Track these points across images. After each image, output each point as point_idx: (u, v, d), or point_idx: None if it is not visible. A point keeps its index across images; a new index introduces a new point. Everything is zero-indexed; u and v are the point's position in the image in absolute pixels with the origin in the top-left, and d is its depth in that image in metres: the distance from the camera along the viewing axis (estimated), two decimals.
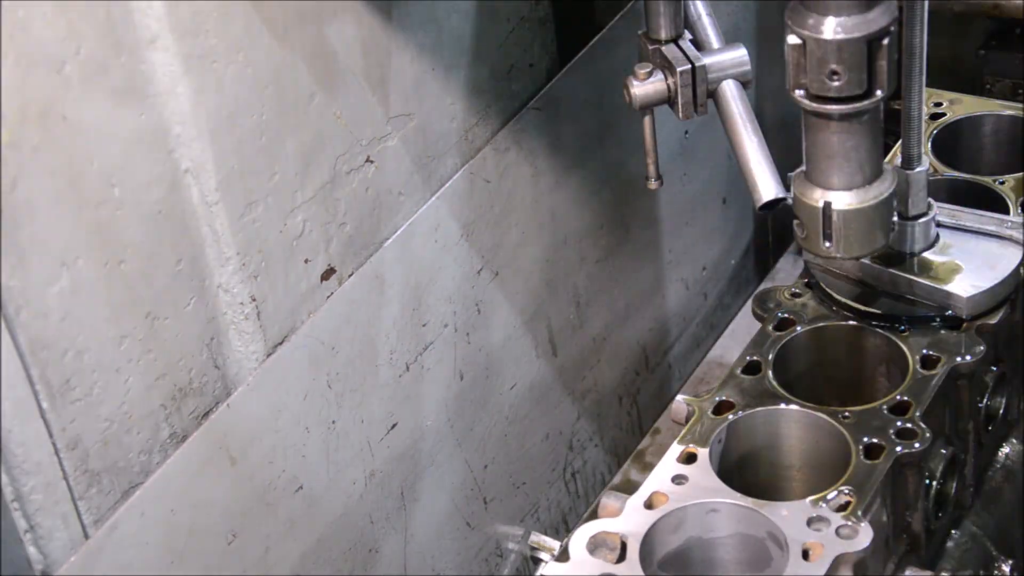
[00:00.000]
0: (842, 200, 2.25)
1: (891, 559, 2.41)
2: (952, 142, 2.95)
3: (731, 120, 2.43)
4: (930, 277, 2.59)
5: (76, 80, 1.92)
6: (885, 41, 2.09)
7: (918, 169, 2.57)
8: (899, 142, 2.61)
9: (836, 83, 2.11)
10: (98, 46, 1.95)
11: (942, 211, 2.66)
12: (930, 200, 2.62)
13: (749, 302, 3.71)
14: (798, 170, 2.31)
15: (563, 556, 2.24)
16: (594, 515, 2.44)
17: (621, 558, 2.22)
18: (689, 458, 2.38)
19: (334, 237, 2.42)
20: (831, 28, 2.08)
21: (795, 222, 2.32)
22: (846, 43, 2.08)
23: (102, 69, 1.96)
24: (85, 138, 1.95)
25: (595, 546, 2.24)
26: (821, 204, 2.25)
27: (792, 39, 2.11)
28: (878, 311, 2.59)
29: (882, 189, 2.25)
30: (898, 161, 2.59)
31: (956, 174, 2.86)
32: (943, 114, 2.98)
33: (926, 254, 2.63)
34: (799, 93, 2.17)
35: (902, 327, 2.55)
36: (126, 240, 2.05)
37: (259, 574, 2.40)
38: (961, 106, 3.00)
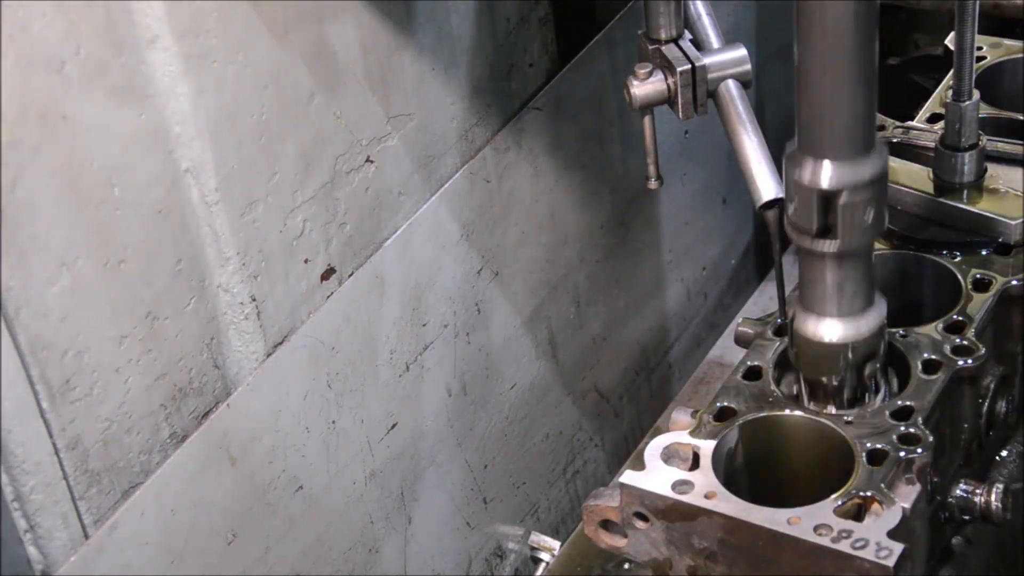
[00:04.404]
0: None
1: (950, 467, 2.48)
2: (992, 83, 3.00)
3: (731, 120, 2.43)
4: (980, 206, 2.68)
5: (76, 80, 1.92)
6: (842, 199, 2.11)
7: (968, 102, 2.66)
8: (943, 82, 2.73)
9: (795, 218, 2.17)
10: (98, 46, 1.95)
11: (988, 144, 2.76)
12: (980, 132, 2.72)
13: (748, 304, 3.74)
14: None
15: (638, 465, 2.29)
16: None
17: (694, 468, 2.29)
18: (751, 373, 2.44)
19: (334, 237, 2.42)
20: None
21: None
22: (799, 187, 2.13)
23: (102, 69, 1.96)
24: (85, 138, 1.95)
25: (668, 456, 2.31)
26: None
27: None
28: (931, 239, 2.68)
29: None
30: (949, 96, 2.68)
31: (997, 111, 2.93)
32: (983, 57, 3.05)
33: (974, 185, 2.72)
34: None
35: (954, 253, 2.64)
36: (126, 240, 2.05)
37: (259, 574, 2.40)
38: (1000, 49, 3.08)
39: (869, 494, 2.19)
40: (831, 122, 2.06)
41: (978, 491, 2.41)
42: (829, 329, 2.27)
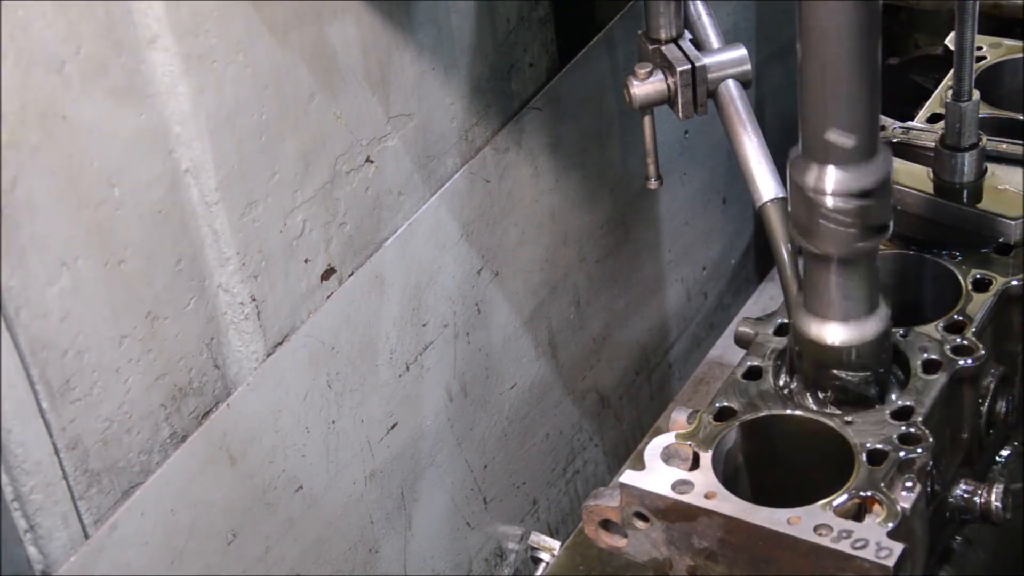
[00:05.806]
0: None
1: (952, 463, 2.48)
2: (992, 83, 3.01)
3: (731, 120, 2.43)
4: (980, 206, 2.69)
5: (76, 80, 1.92)
6: (837, 204, 2.12)
7: (968, 102, 2.66)
8: (943, 82, 2.72)
9: None
10: (98, 46, 1.95)
11: (988, 144, 2.76)
12: (980, 132, 2.72)
13: (748, 304, 3.74)
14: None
15: (638, 465, 2.29)
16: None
17: (694, 468, 2.29)
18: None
19: (334, 237, 2.42)
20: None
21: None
22: (796, 188, 2.14)
23: (102, 69, 1.96)
24: (85, 138, 1.96)
25: (668, 456, 2.31)
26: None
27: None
28: (931, 239, 2.68)
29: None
30: (949, 96, 2.68)
31: (997, 111, 2.93)
32: (983, 57, 3.05)
33: (974, 184, 2.73)
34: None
35: (954, 253, 2.64)
36: (126, 240, 2.05)
37: (259, 574, 2.40)
38: (1000, 49, 3.07)
39: (869, 494, 2.19)
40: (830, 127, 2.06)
41: (978, 491, 2.42)
42: (830, 331, 2.27)
